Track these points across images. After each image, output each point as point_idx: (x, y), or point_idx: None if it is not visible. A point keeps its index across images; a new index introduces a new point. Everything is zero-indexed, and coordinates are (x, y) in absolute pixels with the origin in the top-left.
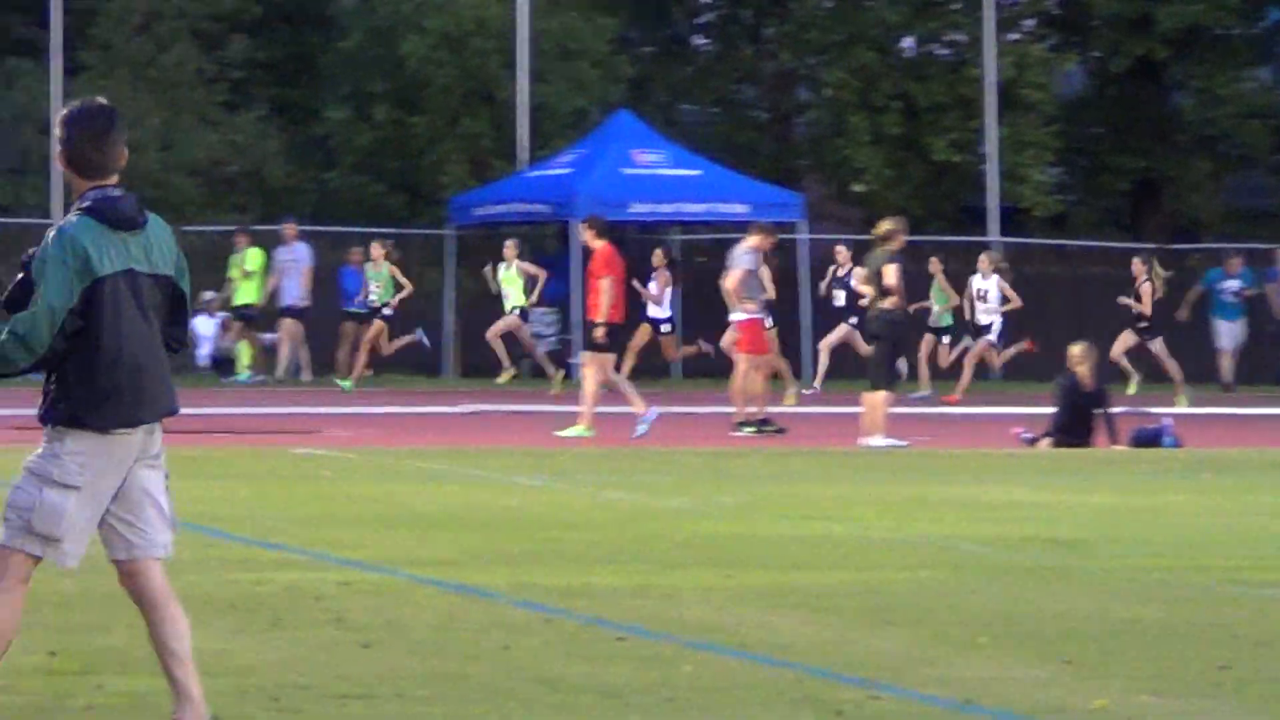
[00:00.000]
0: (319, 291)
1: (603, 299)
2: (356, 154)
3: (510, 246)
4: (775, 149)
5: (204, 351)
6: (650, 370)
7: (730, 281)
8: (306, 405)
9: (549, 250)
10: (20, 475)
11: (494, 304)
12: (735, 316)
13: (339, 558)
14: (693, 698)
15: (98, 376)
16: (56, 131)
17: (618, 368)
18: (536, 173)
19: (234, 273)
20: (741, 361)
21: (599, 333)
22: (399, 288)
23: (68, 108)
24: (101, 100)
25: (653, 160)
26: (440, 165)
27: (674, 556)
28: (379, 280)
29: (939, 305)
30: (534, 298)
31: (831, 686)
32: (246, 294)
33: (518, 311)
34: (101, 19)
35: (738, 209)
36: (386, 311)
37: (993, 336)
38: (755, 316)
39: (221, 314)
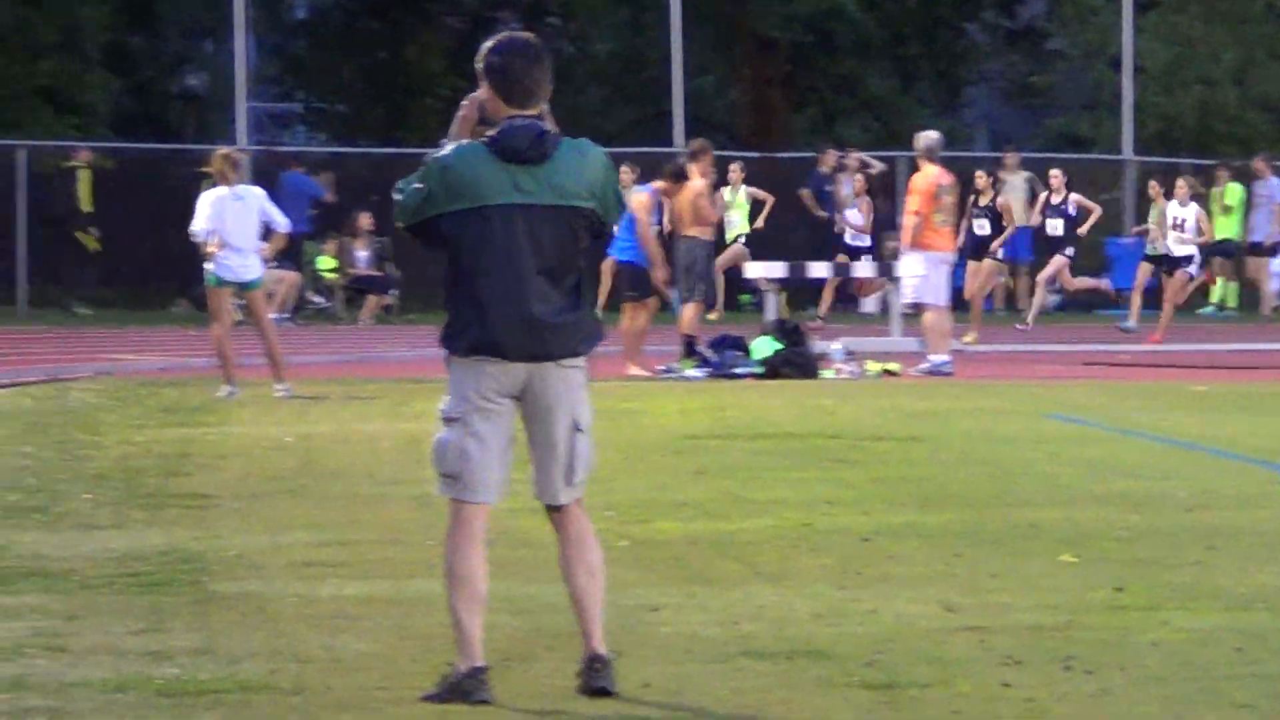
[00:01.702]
0: None
1: None
2: None
3: (736, 170)
4: None
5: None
6: None
7: None
8: None
9: None
10: None
11: None
12: None
13: None
14: None
15: (463, 305)
16: (482, 62)
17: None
18: None
19: (1214, 207)
20: None
21: None
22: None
23: (495, 38)
24: (527, 34)
25: None
26: None
27: None
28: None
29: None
30: (760, 223)
31: None
32: (1225, 229)
33: (743, 239)
34: None
35: None
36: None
37: (1193, 269)
38: None
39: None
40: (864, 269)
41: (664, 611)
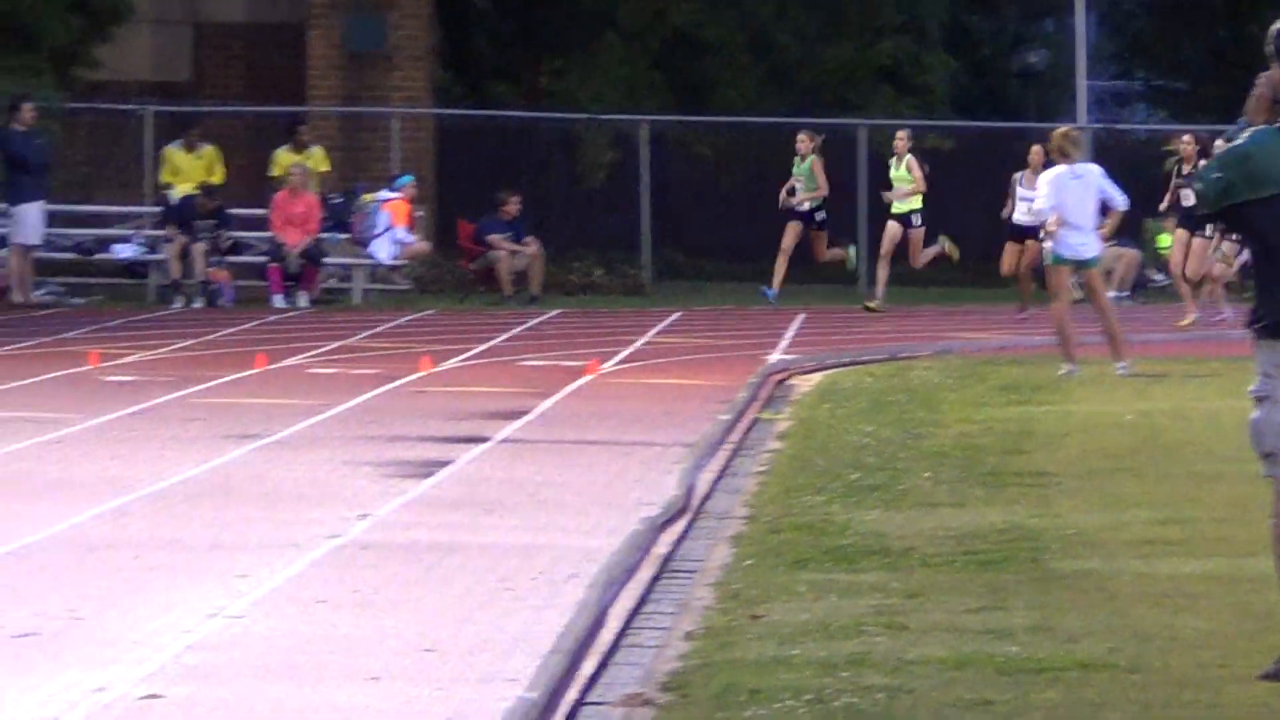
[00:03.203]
0: None
1: None
2: None
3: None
4: None
5: None
6: None
7: None
8: None
9: None
10: None
11: None
12: None
13: None
14: None
15: (1265, 288)
16: (1271, 44)
17: None
18: None
19: None
20: None
21: None
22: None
23: None
24: None
25: None
26: None
27: None
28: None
29: None
30: None
31: None
32: None
33: None
34: None
35: None
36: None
37: None
38: None
39: None
40: None
41: None
